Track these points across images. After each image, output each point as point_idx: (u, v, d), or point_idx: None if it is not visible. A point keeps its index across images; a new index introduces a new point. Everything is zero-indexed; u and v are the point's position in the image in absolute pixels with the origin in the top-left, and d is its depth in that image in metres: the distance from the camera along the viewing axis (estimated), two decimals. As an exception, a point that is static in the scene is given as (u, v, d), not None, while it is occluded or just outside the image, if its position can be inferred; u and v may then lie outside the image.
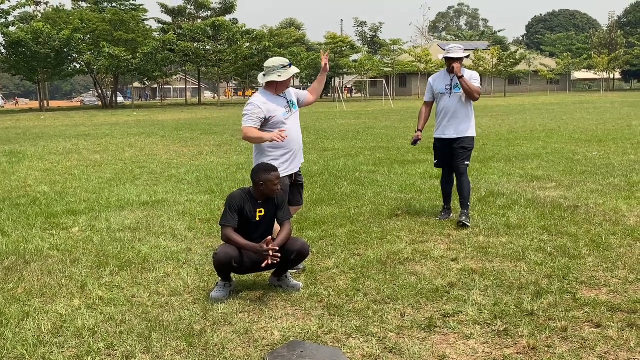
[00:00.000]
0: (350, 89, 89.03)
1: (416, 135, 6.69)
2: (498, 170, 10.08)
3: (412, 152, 12.99)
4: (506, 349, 3.50)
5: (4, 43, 47.08)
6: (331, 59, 60.89)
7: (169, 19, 64.54)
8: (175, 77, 73.60)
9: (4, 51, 48.31)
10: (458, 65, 6.31)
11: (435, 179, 9.09)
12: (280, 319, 4.02)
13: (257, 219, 4.48)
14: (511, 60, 65.52)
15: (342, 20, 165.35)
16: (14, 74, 54.06)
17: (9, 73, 54.38)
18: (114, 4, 59.35)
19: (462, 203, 6.52)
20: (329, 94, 73.61)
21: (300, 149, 5.15)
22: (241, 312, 4.13)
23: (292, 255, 4.44)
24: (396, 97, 60.72)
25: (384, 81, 57.24)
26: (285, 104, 5.01)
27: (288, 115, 4.99)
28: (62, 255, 5.59)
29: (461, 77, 6.28)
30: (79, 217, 7.24)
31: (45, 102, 53.24)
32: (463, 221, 6.27)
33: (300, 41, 72.42)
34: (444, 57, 6.50)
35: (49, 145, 16.69)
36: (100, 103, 59.22)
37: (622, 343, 3.50)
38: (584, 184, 8.55)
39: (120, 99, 68.75)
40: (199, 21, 61.08)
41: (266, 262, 4.22)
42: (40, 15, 55.62)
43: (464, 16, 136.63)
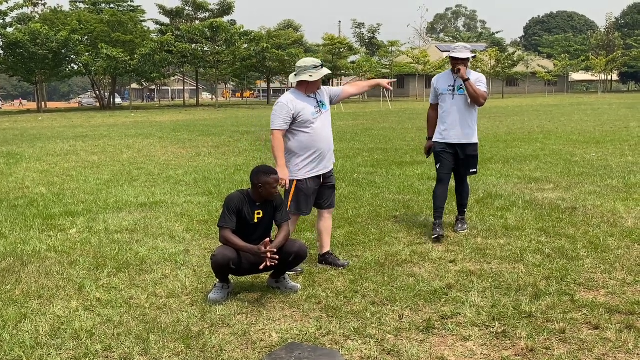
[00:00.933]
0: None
1: (428, 144, 6.28)
2: (496, 171, 10.08)
3: (410, 153, 13.00)
4: (504, 350, 3.50)
5: (1, 44, 46.98)
6: (329, 60, 60.94)
7: (166, 20, 64.53)
8: (173, 78, 73.55)
9: (1, 52, 48.21)
10: (464, 68, 5.90)
11: (433, 180, 9.08)
12: (278, 320, 4.01)
13: (256, 220, 4.48)
14: (509, 62, 65.59)
15: (340, 21, 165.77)
16: (11, 75, 53.96)
17: (7, 74, 54.30)
18: (112, 5, 59.30)
19: (462, 210, 6.36)
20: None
21: (330, 149, 5.14)
22: (239, 314, 4.13)
23: (290, 257, 4.44)
24: (394, 98, 60.73)
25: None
26: (315, 104, 5.02)
27: (317, 116, 5.00)
28: (59, 256, 5.58)
29: (467, 81, 5.90)
30: (77, 219, 7.22)
31: (43, 103, 53.19)
32: (465, 229, 6.16)
33: (298, 42, 72.34)
34: (448, 57, 6.19)
35: (46, 147, 16.66)
36: (98, 104, 59.15)
37: (621, 345, 3.50)
38: (581, 186, 8.56)
39: (118, 100, 68.67)
40: (197, 22, 61.06)
41: (264, 264, 4.21)
42: (38, 16, 55.57)
43: (461, 18, 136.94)
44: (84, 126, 27.06)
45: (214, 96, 74.03)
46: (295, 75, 5.00)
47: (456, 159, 6.14)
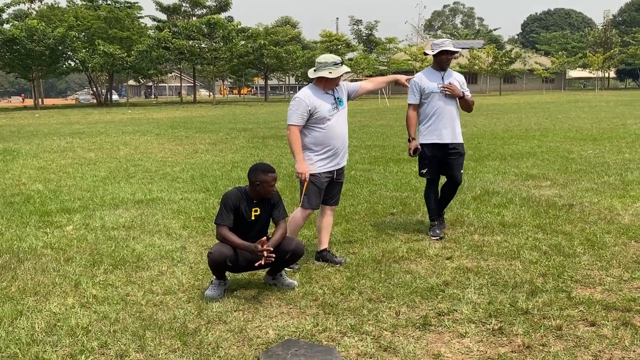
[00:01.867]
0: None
1: (414, 144, 5.99)
2: (493, 168, 10.09)
3: (407, 150, 12.97)
4: (501, 347, 3.50)
5: (-2, 40, 46.94)
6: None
7: (164, 16, 64.45)
8: (170, 75, 73.43)
9: (-2, 49, 48.15)
10: (459, 91, 5.82)
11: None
12: (274, 317, 4.01)
13: (253, 218, 4.47)
14: (506, 59, 65.69)
15: (337, 18, 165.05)
16: (8, 72, 53.87)
17: (4, 71, 54.18)
18: (109, 2, 59.16)
19: (443, 212, 6.19)
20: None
21: (344, 146, 5.18)
22: (236, 311, 4.12)
23: (287, 255, 4.44)
24: (391, 95, 60.70)
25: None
26: (333, 101, 5.04)
27: (333, 112, 5.03)
28: (56, 253, 5.57)
29: (462, 98, 5.87)
30: (73, 216, 7.21)
31: (40, 99, 53.06)
32: (442, 235, 5.86)
33: (296, 39, 72.31)
34: (439, 51, 5.77)
35: (43, 143, 16.63)
36: (95, 101, 59.05)
37: (617, 341, 3.51)
38: (578, 183, 8.57)
39: (115, 96, 68.55)
40: (194, 19, 61.04)
41: (260, 262, 4.21)
42: (34, 12, 55.48)
43: (459, 15, 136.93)
44: (80, 123, 27.00)
45: (211, 93, 73.87)
46: (314, 70, 5.00)
47: (448, 161, 5.96)
